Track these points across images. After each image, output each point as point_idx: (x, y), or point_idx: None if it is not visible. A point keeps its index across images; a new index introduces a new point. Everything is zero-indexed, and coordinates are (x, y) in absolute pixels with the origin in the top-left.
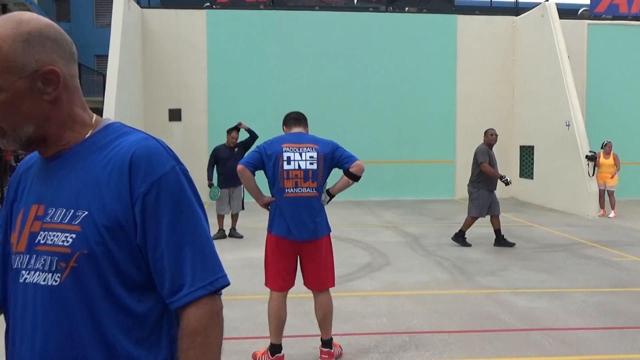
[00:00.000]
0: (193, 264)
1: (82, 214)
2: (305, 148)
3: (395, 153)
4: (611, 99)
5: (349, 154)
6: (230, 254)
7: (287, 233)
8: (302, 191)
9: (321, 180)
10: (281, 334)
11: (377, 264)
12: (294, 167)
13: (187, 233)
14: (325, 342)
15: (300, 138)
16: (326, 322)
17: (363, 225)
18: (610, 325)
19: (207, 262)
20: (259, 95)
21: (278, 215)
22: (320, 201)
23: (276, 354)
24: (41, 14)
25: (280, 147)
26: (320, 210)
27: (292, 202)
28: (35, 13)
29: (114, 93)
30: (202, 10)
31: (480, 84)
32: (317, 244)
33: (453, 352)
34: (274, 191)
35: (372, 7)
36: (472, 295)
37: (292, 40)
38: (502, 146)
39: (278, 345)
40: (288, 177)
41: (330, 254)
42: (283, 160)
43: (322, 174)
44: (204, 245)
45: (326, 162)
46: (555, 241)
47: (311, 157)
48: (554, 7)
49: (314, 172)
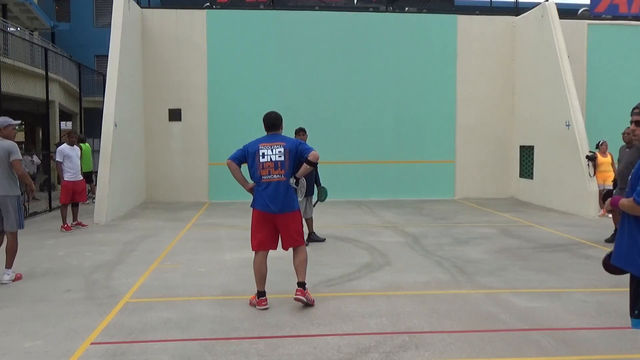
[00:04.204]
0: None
1: None
2: (276, 145)
3: (395, 153)
4: (611, 99)
5: (307, 147)
6: (230, 254)
7: (266, 207)
8: (274, 177)
9: (288, 168)
10: (264, 283)
11: (377, 264)
12: (267, 159)
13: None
14: (300, 284)
15: (273, 138)
16: (301, 268)
17: (363, 225)
18: (610, 325)
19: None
20: (259, 95)
21: (258, 195)
22: (290, 184)
23: (261, 297)
24: (41, 14)
25: (257, 146)
26: (288, 190)
27: (267, 185)
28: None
29: (114, 93)
30: (202, 10)
31: (480, 84)
32: (288, 216)
33: (453, 352)
34: (254, 178)
35: (372, 7)
36: (472, 295)
37: (292, 40)
38: (502, 146)
39: (262, 291)
40: (263, 167)
41: (300, 224)
42: (259, 155)
43: (288, 164)
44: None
45: (291, 155)
46: (555, 241)
47: (279, 152)
48: (554, 7)
49: (282, 163)
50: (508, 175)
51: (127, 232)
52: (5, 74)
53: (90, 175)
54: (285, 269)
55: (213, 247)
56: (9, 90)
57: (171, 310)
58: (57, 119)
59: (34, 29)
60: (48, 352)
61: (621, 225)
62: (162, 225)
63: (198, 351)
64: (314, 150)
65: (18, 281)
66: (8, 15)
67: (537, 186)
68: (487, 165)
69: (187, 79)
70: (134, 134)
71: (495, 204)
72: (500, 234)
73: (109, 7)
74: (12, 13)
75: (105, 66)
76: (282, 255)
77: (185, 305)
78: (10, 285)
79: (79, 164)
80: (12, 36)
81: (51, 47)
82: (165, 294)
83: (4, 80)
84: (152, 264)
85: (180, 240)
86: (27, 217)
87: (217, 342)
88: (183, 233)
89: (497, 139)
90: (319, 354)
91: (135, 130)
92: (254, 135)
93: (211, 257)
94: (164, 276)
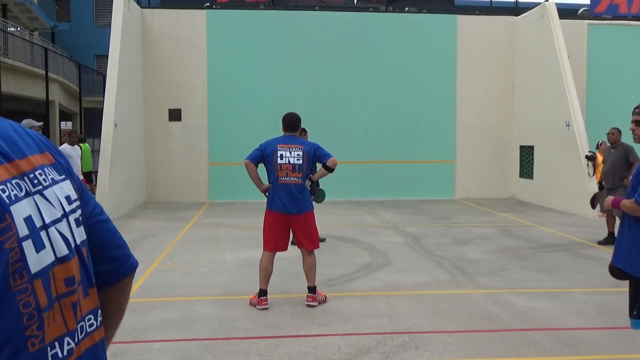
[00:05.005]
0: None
1: None
2: (294, 148)
3: (395, 153)
4: (611, 99)
5: (326, 153)
6: (230, 254)
7: (283, 208)
8: (291, 179)
9: (305, 171)
10: (268, 282)
11: (377, 264)
12: (285, 162)
13: None
14: (311, 289)
15: (291, 140)
16: (311, 272)
17: (363, 225)
18: (610, 325)
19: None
20: (259, 96)
21: (275, 196)
22: (305, 186)
23: (262, 297)
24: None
25: (276, 146)
26: (304, 193)
27: (285, 187)
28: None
29: (114, 93)
30: (202, 10)
31: (480, 84)
32: (304, 217)
33: (453, 352)
34: (271, 179)
35: (372, 7)
36: (472, 295)
37: (292, 40)
38: (502, 146)
39: (264, 290)
40: (280, 168)
41: (314, 224)
42: (277, 157)
43: (306, 167)
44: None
45: (309, 158)
46: (555, 241)
47: (298, 155)
48: (554, 7)
49: (300, 166)
50: (508, 175)
51: (127, 232)
52: (5, 74)
53: (90, 175)
54: (286, 269)
55: (213, 247)
56: (9, 90)
57: (171, 310)
58: (57, 119)
59: (34, 29)
60: None
61: (621, 226)
62: (162, 225)
63: (198, 351)
64: (332, 157)
65: None
66: (8, 15)
67: (537, 186)
68: (487, 165)
69: (187, 79)
70: (134, 134)
71: (495, 204)
72: (501, 234)
73: (109, 7)
74: (12, 13)
75: (105, 66)
76: (282, 255)
77: (185, 305)
78: None
79: (79, 164)
80: (12, 36)
81: (51, 47)
82: (165, 293)
83: (4, 80)
84: (152, 264)
85: (180, 240)
86: None
87: (217, 342)
88: (183, 233)
89: (497, 139)
90: (319, 354)
91: (135, 130)
92: (254, 135)
93: (211, 257)
94: (164, 276)
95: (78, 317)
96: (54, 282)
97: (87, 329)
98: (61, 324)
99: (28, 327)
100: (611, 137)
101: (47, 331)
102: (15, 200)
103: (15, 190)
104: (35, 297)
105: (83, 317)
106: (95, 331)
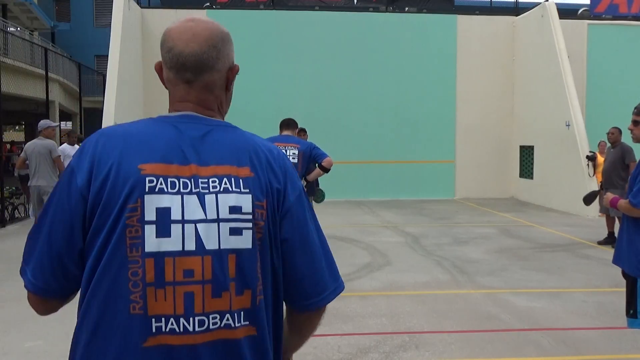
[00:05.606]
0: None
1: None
2: (290, 147)
3: (395, 153)
4: (611, 99)
5: (322, 152)
6: None
7: None
8: None
9: (301, 170)
10: None
11: (377, 264)
12: None
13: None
14: None
15: (287, 139)
16: None
17: (363, 225)
18: (610, 325)
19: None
20: (259, 96)
21: None
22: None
23: None
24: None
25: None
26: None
27: None
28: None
29: (114, 93)
30: (202, 10)
31: (480, 84)
32: None
33: (453, 352)
34: None
35: (372, 7)
36: (472, 295)
37: (292, 40)
38: (502, 146)
39: None
40: None
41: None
42: None
43: (301, 166)
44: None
45: (305, 158)
46: (555, 241)
47: (293, 153)
48: (554, 7)
49: (295, 165)
50: (508, 175)
51: None
52: (5, 74)
53: None
54: None
55: None
56: (9, 90)
57: None
58: (57, 119)
59: (34, 29)
60: (48, 352)
61: (621, 226)
62: None
63: None
64: (328, 157)
65: (18, 281)
66: (8, 15)
67: (537, 186)
68: (487, 165)
69: None
70: None
71: (496, 204)
72: (500, 234)
73: (109, 7)
74: (12, 13)
75: (105, 66)
76: None
77: None
78: (10, 285)
79: None
80: (12, 36)
81: (51, 47)
82: None
83: (4, 80)
84: None
85: None
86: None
87: None
88: None
89: (497, 139)
90: (319, 354)
91: None
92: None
93: None
94: None
95: (196, 310)
96: (173, 268)
97: (210, 325)
98: (171, 304)
99: (132, 293)
100: (611, 136)
101: (150, 303)
102: (157, 192)
103: (163, 185)
104: (144, 271)
105: (206, 313)
106: (226, 330)
